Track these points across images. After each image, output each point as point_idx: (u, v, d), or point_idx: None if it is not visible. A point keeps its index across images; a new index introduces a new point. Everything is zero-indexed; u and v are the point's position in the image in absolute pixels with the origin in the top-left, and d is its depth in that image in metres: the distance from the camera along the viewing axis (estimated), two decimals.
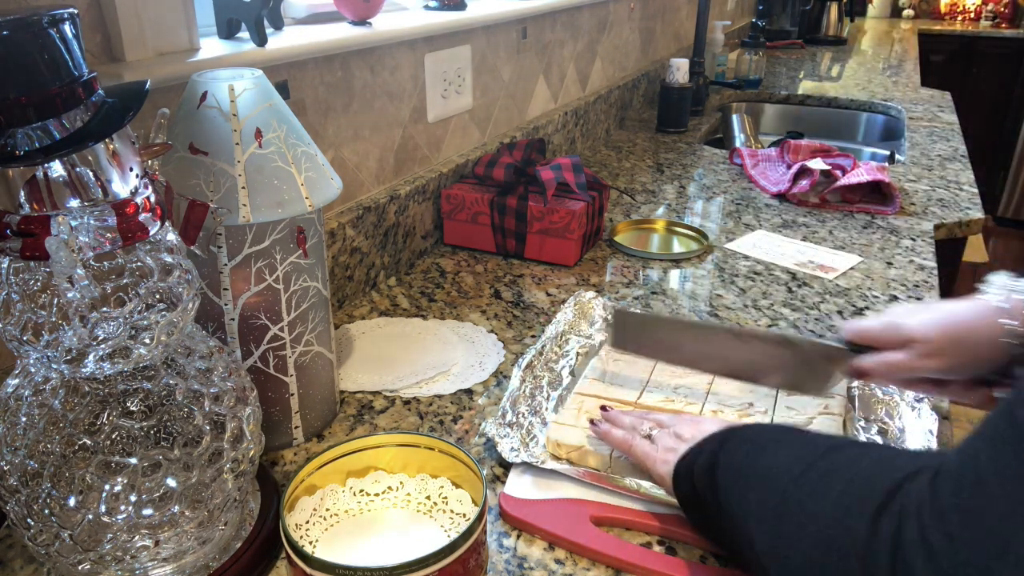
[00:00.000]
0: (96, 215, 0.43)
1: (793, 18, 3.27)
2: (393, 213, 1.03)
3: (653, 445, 0.61)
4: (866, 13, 4.56)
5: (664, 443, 0.60)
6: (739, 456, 0.51)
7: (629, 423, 0.64)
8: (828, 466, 0.44)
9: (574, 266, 1.08)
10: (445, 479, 0.60)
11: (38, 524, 0.47)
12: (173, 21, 0.72)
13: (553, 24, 1.47)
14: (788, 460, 0.47)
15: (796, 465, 0.46)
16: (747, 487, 0.48)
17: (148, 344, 0.46)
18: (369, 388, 0.79)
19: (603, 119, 1.77)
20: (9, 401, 0.48)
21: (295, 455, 0.69)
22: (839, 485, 0.42)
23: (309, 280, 0.65)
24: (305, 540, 0.56)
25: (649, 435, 0.62)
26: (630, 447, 0.62)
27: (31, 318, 0.44)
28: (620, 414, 0.66)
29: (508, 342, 0.88)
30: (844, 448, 0.46)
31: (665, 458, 0.58)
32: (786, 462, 0.47)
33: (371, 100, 1.00)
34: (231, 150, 0.58)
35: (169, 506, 0.48)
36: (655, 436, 0.61)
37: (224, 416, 0.51)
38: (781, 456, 0.48)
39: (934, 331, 0.57)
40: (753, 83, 2.30)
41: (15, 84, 0.39)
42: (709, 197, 1.39)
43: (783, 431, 0.53)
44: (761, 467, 0.48)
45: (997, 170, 4.14)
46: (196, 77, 0.59)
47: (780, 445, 0.49)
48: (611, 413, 0.67)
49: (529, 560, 0.57)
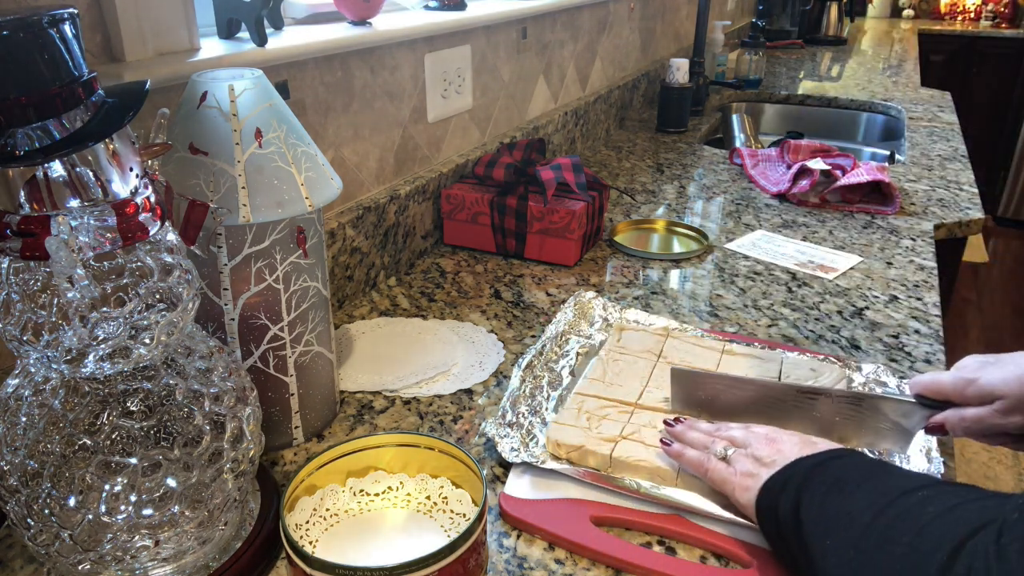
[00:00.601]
0: (96, 215, 0.43)
1: (793, 18, 3.27)
2: (393, 213, 1.03)
3: (730, 468, 0.58)
4: (866, 13, 4.56)
5: (742, 467, 0.58)
6: (819, 497, 0.50)
7: (700, 441, 0.62)
8: (897, 513, 0.44)
9: (574, 266, 1.08)
10: (445, 479, 0.60)
11: (38, 524, 0.47)
12: (173, 21, 0.72)
13: (553, 24, 1.47)
14: (863, 504, 0.47)
15: (869, 511, 0.46)
16: (825, 533, 0.48)
17: (148, 344, 0.46)
18: (369, 388, 0.79)
19: (603, 119, 1.77)
20: (9, 401, 0.48)
21: (295, 455, 0.69)
22: (907, 537, 0.42)
23: (309, 280, 0.65)
24: (305, 540, 0.56)
25: (725, 456, 0.59)
26: (707, 471, 0.59)
27: (31, 318, 0.44)
28: (687, 429, 0.64)
29: (508, 342, 0.88)
30: (915, 492, 0.46)
31: (745, 484, 0.56)
32: (861, 506, 0.47)
33: (371, 100, 1.00)
34: (231, 150, 0.58)
35: (169, 506, 0.48)
36: (731, 458, 0.59)
37: (224, 416, 0.51)
38: (859, 499, 0.48)
39: (1017, 386, 0.56)
40: (753, 83, 2.30)
41: (15, 84, 0.39)
42: (709, 197, 1.39)
43: (866, 468, 0.52)
44: (839, 512, 0.48)
45: (997, 170, 4.14)
46: (196, 77, 0.59)
47: (859, 487, 0.49)
48: (676, 429, 0.64)
49: (529, 560, 0.57)
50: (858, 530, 0.46)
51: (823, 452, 0.56)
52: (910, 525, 0.43)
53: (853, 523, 0.46)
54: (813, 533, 0.49)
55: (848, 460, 0.54)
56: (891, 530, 0.44)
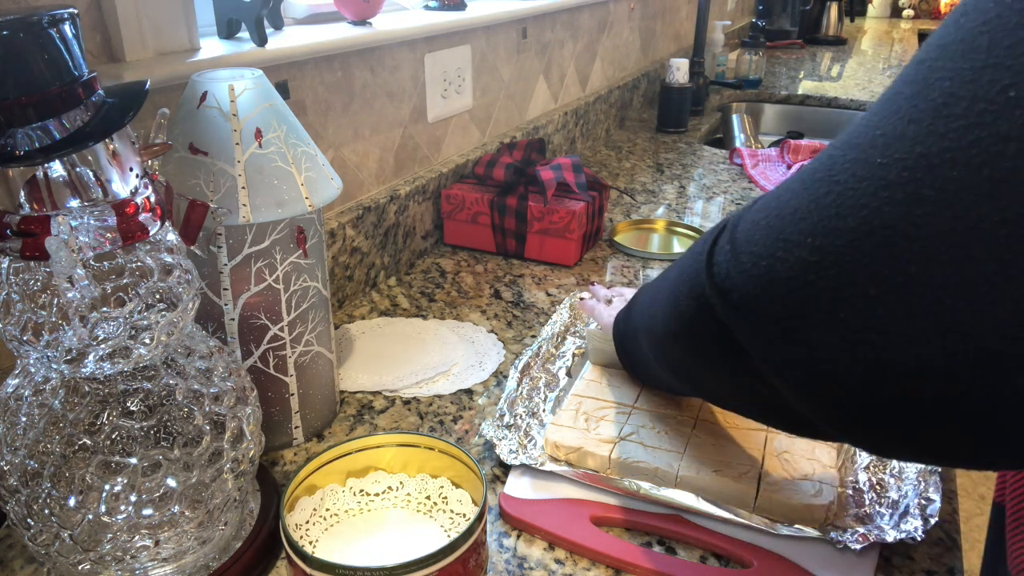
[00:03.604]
0: (96, 215, 0.43)
1: (793, 18, 3.27)
2: (393, 213, 1.03)
3: (608, 308, 0.76)
4: (866, 13, 4.56)
5: (615, 305, 0.75)
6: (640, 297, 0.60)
7: (604, 296, 0.79)
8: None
9: (574, 266, 1.08)
10: (445, 479, 0.60)
11: (38, 524, 0.47)
12: (173, 21, 0.72)
13: (553, 24, 1.47)
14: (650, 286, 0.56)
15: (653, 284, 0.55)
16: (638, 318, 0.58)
17: (148, 344, 0.46)
18: (369, 388, 0.79)
19: (603, 119, 1.77)
20: (9, 401, 0.48)
21: (295, 455, 0.69)
22: (676, 270, 0.47)
23: (309, 280, 0.65)
24: (305, 540, 0.56)
25: (610, 301, 0.77)
26: (592, 308, 0.78)
27: (31, 318, 0.44)
28: (598, 289, 0.82)
29: (508, 342, 0.88)
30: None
31: (610, 312, 0.74)
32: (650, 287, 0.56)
33: (371, 100, 1.00)
34: (231, 150, 0.58)
35: (169, 506, 0.48)
36: (614, 303, 0.76)
37: (224, 416, 0.51)
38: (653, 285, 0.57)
39: None
40: (753, 83, 2.30)
41: (15, 84, 0.39)
42: (709, 197, 1.39)
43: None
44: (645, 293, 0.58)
45: None
46: (196, 77, 0.59)
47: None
48: (592, 289, 0.83)
49: (529, 560, 0.57)
50: (649, 294, 0.54)
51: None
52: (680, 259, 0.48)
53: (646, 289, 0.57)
54: (632, 322, 0.60)
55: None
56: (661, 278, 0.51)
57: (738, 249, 0.36)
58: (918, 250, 0.28)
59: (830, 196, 0.31)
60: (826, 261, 0.31)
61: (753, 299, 0.35)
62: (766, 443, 0.65)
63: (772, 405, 0.39)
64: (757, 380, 0.37)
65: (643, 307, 0.55)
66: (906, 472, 0.61)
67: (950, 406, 0.30)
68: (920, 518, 0.55)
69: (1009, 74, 0.26)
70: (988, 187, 0.26)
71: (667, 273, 0.49)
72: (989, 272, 0.27)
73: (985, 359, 0.28)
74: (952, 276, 0.28)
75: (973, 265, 0.27)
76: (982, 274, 0.27)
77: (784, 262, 0.33)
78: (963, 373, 0.29)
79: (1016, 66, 0.26)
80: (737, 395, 0.42)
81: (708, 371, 0.43)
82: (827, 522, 0.58)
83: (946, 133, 0.28)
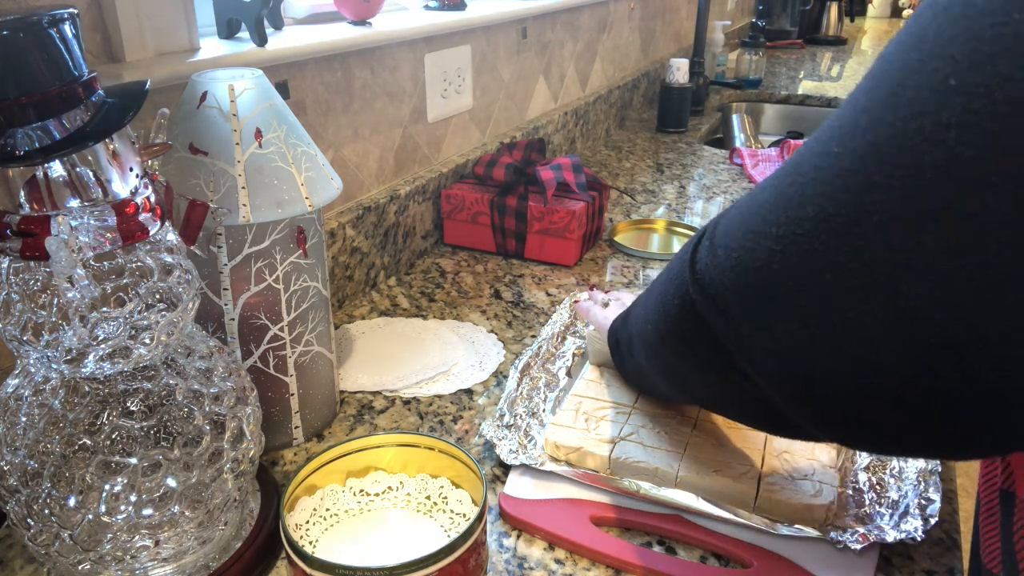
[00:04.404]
0: (96, 215, 0.43)
1: (793, 18, 3.27)
2: (393, 213, 1.03)
3: (605, 311, 0.75)
4: (866, 13, 4.56)
5: (612, 308, 0.75)
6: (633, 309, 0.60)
7: (601, 300, 0.80)
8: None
9: (574, 266, 1.08)
10: (445, 479, 0.60)
11: (38, 524, 0.47)
12: (173, 21, 0.72)
13: (553, 24, 1.47)
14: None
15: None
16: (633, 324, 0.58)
17: (148, 344, 0.46)
18: (369, 388, 0.79)
19: (603, 119, 1.77)
20: (9, 401, 0.48)
21: (295, 455, 0.69)
22: (665, 274, 0.47)
23: (309, 280, 0.65)
24: (305, 540, 0.56)
25: (607, 304, 0.77)
26: (588, 310, 0.78)
27: (31, 318, 0.44)
28: (596, 293, 0.85)
29: (508, 342, 0.88)
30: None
31: (607, 315, 0.73)
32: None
33: (371, 100, 1.00)
34: (231, 150, 0.58)
35: (169, 506, 0.48)
36: (610, 306, 0.76)
37: (224, 416, 0.51)
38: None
39: None
40: (753, 83, 2.30)
41: (15, 84, 0.39)
42: (709, 197, 1.39)
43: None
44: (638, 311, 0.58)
45: None
46: (196, 77, 0.59)
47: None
48: (590, 293, 0.85)
49: (529, 560, 0.57)
50: (641, 300, 0.54)
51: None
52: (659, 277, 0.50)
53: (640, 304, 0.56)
54: (628, 328, 0.61)
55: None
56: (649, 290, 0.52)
57: (715, 244, 0.37)
58: (871, 236, 0.29)
59: (794, 187, 0.32)
60: (789, 250, 0.32)
61: (726, 291, 0.36)
62: (766, 443, 0.65)
63: (755, 403, 0.39)
64: (742, 378, 0.38)
65: (637, 313, 0.56)
66: (906, 472, 0.61)
67: (909, 394, 0.30)
68: (920, 518, 0.55)
69: (951, 63, 0.27)
70: (931, 174, 0.27)
71: (658, 278, 0.50)
72: (938, 257, 0.27)
73: (941, 344, 0.28)
74: (904, 262, 0.28)
75: (923, 251, 0.28)
76: (932, 259, 0.27)
77: (752, 252, 0.34)
78: (920, 361, 0.29)
79: (957, 55, 0.27)
80: (724, 395, 0.43)
81: (695, 372, 0.44)
82: (827, 522, 0.58)
83: (893, 122, 0.28)
